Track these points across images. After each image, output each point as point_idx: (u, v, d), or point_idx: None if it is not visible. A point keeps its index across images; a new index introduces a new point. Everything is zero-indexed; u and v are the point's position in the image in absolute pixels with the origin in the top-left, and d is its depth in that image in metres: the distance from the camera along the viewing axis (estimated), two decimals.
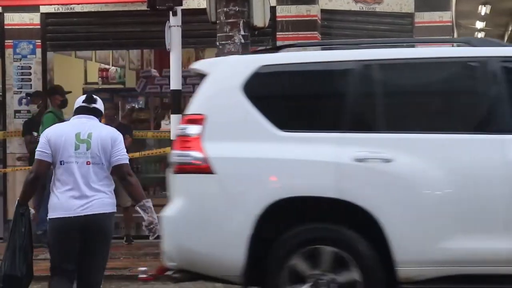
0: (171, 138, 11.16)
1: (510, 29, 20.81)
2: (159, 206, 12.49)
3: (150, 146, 13.37)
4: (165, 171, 12.34)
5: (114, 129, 6.65)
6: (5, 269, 6.39)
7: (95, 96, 6.62)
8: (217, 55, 10.50)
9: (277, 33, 13.02)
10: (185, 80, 14.76)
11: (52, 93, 12.72)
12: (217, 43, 10.47)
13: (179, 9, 10.85)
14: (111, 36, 13.50)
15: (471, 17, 18.67)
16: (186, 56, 18.55)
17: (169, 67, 11.17)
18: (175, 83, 11.04)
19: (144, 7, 11.44)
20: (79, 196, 6.27)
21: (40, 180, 6.46)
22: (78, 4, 13.12)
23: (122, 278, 10.40)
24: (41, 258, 11.65)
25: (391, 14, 13.61)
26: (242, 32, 10.34)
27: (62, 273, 6.35)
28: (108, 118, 13.04)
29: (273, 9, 12.35)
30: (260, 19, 10.48)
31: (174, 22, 10.88)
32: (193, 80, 15.30)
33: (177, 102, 11.17)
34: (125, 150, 6.50)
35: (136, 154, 12.79)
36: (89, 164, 6.31)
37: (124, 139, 6.57)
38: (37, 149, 6.42)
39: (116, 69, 17.74)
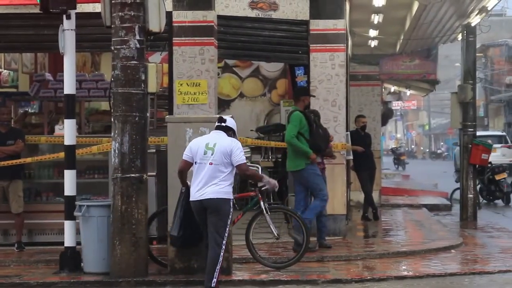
0: (65, 143, 11.02)
1: (402, 37, 21.30)
2: (53, 212, 12.51)
3: (44, 151, 13.13)
4: (59, 176, 12.22)
5: (231, 141, 9.19)
6: (170, 231, 9.63)
7: (224, 117, 9.45)
8: (113, 60, 10.42)
9: (174, 38, 12.99)
10: (80, 84, 14.61)
11: (304, 94, 12.60)
12: (112, 48, 10.38)
13: (73, 12, 10.72)
14: (3, 38, 13.22)
15: (364, 25, 19.00)
16: (81, 60, 18.38)
17: (63, 71, 11.01)
18: (69, 87, 10.90)
19: (37, 10, 11.25)
20: (203, 186, 9.05)
21: (184, 173, 9.37)
22: None
23: (12, 286, 10.18)
24: None
25: (287, 21, 13.76)
26: (137, 37, 10.28)
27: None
28: (1, 123, 12.75)
29: (169, 14, 12.32)
30: (155, 24, 10.44)
31: (68, 26, 10.75)
32: (88, 84, 15.16)
33: (71, 107, 11.02)
34: (242, 154, 9.16)
35: (29, 159, 12.55)
36: (211, 164, 9.07)
37: (15, 144, 6.62)
38: (184, 152, 9.28)
39: (9, 73, 17.39)
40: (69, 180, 10.89)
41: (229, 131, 9.36)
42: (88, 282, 10.26)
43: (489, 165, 21.38)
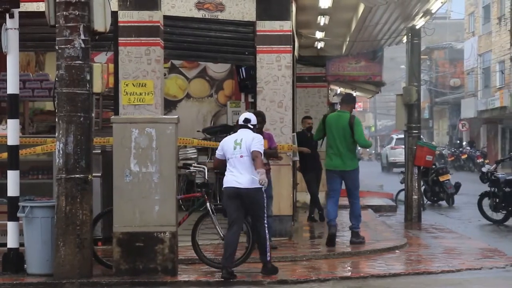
0: (8, 143, 10.88)
1: (348, 39, 21.42)
2: None
3: None
4: (2, 176, 12.06)
5: (254, 135, 10.50)
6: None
7: (249, 117, 10.67)
8: (58, 59, 10.33)
9: (119, 39, 12.92)
10: (23, 84, 14.44)
11: (353, 101, 13.91)
12: (57, 47, 10.28)
13: (16, 11, 10.60)
14: None
15: (311, 27, 19.07)
16: (25, 59, 18.17)
17: (6, 71, 10.87)
18: (12, 87, 10.77)
19: None
20: (238, 175, 10.37)
21: (219, 168, 10.96)
22: None
23: None
24: None
25: (233, 22, 13.76)
26: (82, 37, 10.20)
27: (233, 223, 10.45)
28: None
29: (114, 14, 12.26)
30: (100, 23, 10.37)
31: (11, 25, 10.62)
32: (32, 84, 15.00)
33: (15, 107, 10.89)
34: (260, 145, 10.42)
35: None
36: (242, 157, 10.41)
37: None
38: (216, 151, 10.74)
39: None
40: (12, 181, 10.76)
41: (253, 127, 10.67)
42: (31, 283, 10.14)
43: (433, 166, 21.63)
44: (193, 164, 12.59)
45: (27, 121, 15.75)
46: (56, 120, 10.36)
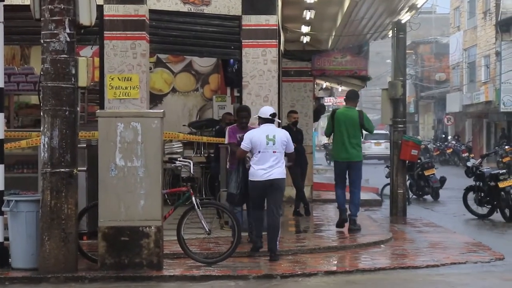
0: None
1: (333, 34, 21.43)
2: None
3: None
4: None
5: (284, 132, 11.58)
6: (228, 190, 11.74)
7: (273, 111, 11.55)
8: (43, 53, 10.29)
9: (105, 32, 12.88)
10: (8, 77, 14.39)
11: (358, 97, 15.35)
12: (42, 41, 10.24)
13: (1, 4, 10.54)
14: None
15: (297, 21, 19.05)
16: (11, 53, 18.09)
17: None
18: None
19: None
20: (270, 169, 11.25)
21: (241, 158, 11.55)
22: None
23: None
24: None
25: (219, 16, 13.75)
26: (67, 30, 10.17)
27: (258, 208, 11.51)
28: None
29: (100, 8, 12.22)
30: (86, 17, 10.34)
31: None
32: (17, 78, 14.94)
33: (0, 100, 10.84)
34: (292, 144, 11.54)
35: None
36: (275, 152, 11.29)
37: None
38: (243, 143, 11.38)
39: None
40: None
41: (275, 120, 11.56)
42: (16, 278, 10.11)
43: (419, 160, 21.68)
44: (178, 158, 12.58)
45: (12, 115, 15.71)
46: (41, 114, 10.32)
